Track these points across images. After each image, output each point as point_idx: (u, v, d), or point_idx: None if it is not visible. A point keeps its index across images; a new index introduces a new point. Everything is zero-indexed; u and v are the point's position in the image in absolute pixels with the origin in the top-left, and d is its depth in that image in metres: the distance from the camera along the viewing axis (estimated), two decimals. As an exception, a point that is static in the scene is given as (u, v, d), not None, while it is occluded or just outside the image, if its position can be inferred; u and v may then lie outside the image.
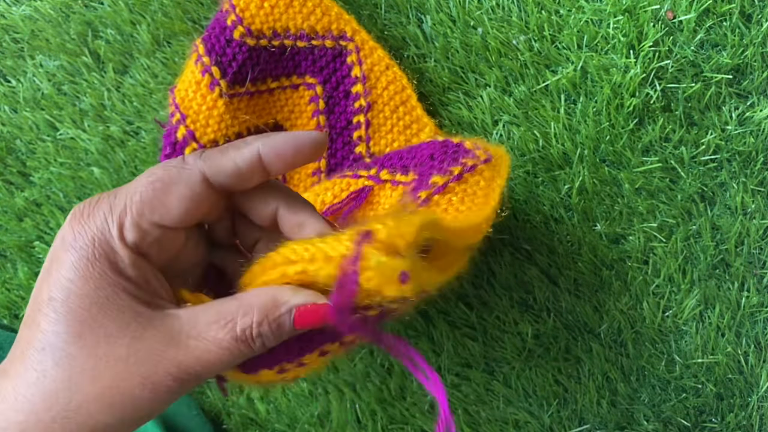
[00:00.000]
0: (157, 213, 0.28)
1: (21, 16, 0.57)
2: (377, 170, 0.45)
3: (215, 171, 0.29)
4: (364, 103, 0.52)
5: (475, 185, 0.41)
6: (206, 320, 0.28)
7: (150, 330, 0.27)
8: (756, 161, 0.52)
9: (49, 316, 0.26)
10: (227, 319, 0.27)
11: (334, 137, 0.53)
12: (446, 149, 0.43)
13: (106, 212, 0.28)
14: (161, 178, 0.28)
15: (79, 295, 0.26)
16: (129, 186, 0.29)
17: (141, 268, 0.28)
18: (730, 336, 0.53)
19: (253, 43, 0.49)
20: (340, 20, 0.51)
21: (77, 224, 0.28)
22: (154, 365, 0.26)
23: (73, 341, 0.26)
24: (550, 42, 0.53)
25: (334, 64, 0.52)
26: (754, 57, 0.51)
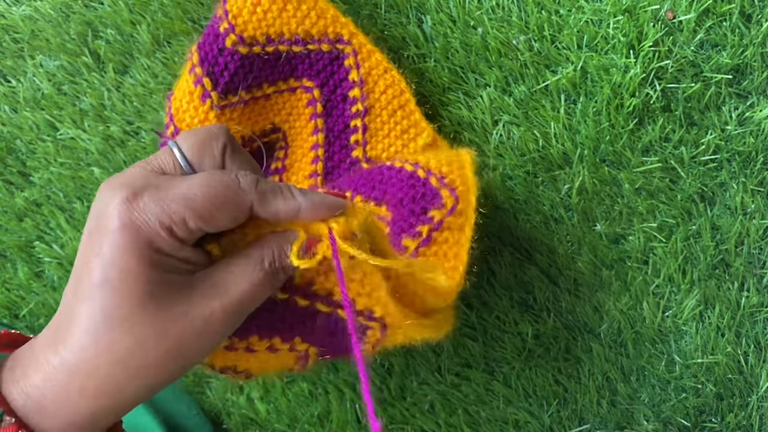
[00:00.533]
0: (207, 223, 0.31)
1: (21, 16, 0.57)
2: (351, 194, 0.46)
3: (260, 208, 0.33)
4: (361, 107, 0.51)
5: (443, 243, 0.44)
6: (238, 267, 0.33)
7: (197, 289, 0.32)
8: (756, 161, 0.52)
9: (107, 293, 0.30)
10: (255, 261, 0.33)
11: (331, 140, 0.53)
12: (414, 191, 0.45)
13: (159, 205, 0.30)
14: (219, 195, 0.31)
15: (133, 274, 0.30)
16: (184, 186, 0.31)
17: (187, 250, 0.32)
18: (730, 336, 0.53)
19: (245, 51, 0.48)
20: (336, 23, 0.50)
21: (129, 208, 0.30)
22: (206, 315, 0.31)
23: (137, 311, 0.30)
24: (550, 42, 0.53)
25: (331, 67, 0.51)
26: (753, 57, 0.51)
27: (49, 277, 0.57)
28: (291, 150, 0.54)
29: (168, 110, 0.50)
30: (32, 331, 0.57)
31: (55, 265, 0.57)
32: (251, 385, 0.56)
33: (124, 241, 0.30)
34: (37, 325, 0.57)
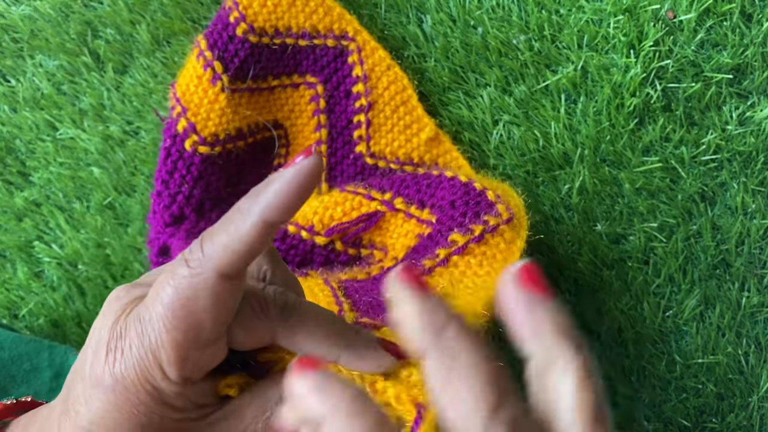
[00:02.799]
0: (189, 338, 0.26)
1: (21, 16, 0.57)
2: (392, 196, 0.46)
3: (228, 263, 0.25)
4: (364, 102, 0.52)
5: (495, 247, 0.41)
6: (253, 413, 0.27)
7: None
8: (756, 161, 0.52)
9: None
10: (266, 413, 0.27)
11: (334, 136, 0.53)
12: (468, 197, 0.43)
13: (139, 350, 0.26)
14: (177, 299, 0.25)
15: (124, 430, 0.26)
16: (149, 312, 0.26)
17: (186, 393, 0.27)
18: (730, 336, 0.53)
19: (255, 40, 0.49)
20: (342, 20, 0.51)
21: (112, 364, 0.26)
22: None
23: None
24: (550, 42, 0.53)
25: (335, 63, 0.52)
26: (754, 57, 0.51)
27: (49, 277, 0.57)
28: (293, 147, 0.54)
29: (172, 95, 0.50)
30: (31, 330, 0.57)
31: (55, 265, 0.57)
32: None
33: (111, 400, 0.26)
34: (37, 325, 0.57)
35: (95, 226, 0.56)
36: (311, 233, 0.47)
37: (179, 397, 0.26)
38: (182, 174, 0.50)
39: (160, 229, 0.51)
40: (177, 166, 0.50)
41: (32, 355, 0.49)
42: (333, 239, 0.47)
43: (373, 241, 0.48)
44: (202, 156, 0.50)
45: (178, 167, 0.50)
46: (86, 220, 0.57)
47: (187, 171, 0.50)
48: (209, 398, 0.28)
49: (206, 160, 0.50)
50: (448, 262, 0.41)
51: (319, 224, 0.47)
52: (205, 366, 0.27)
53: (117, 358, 0.26)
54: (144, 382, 0.26)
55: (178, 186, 0.50)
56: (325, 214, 0.47)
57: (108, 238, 0.56)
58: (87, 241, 0.56)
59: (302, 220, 0.47)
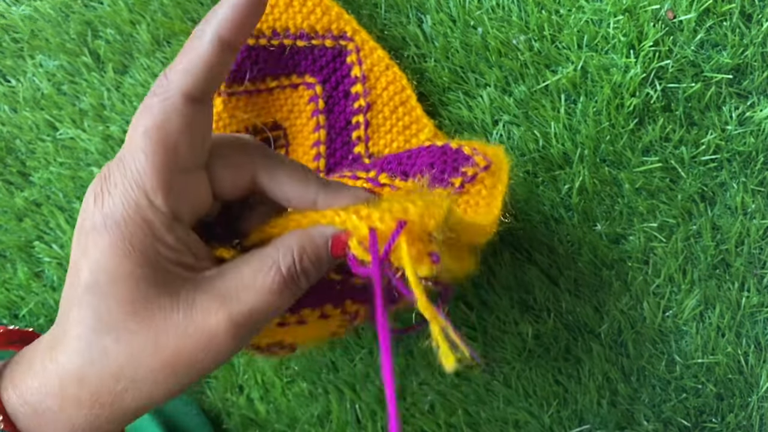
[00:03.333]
0: (168, 160, 0.27)
1: (21, 16, 0.57)
2: (376, 173, 0.46)
3: (191, 83, 0.27)
4: (363, 103, 0.52)
5: (477, 195, 0.42)
6: (250, 270, 0.28)
7: (200, 294, 0.28)
8: (756, 161, 0.52)
9: (96, 296, 0.27)
10: (270, 264, 0.28)
11: (333, 137, 0.53)
12: (445, 157, 0.44)
13: (124, 184, 0.27)
14: (152, 124, 0.27)
15: (123, 276, 0.27)
16: (128, 149, 0.27)
17: (177, 230, 0.28)
18: (730, 336, 0.53)
19: (252, 42, 0.49)
20: (341, 20, 0.51)
21: (101, 204, 0.27)
22: (212, 327, 0.27)
23: (129, 318, 0.27)
24: (550, 42, 0.53)
25: (333, 63, 0.52)
26: (754, 57, 0.51)
27: (49, 277, 0.57)
28: (292, 148, 0.54)
29: None
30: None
31: (55, 265, 0.57)
32: (251, 385, 0.56)
33: (105, 239, 0.27)
34: (37, 325, 0.57)
35: (95, 226, 0.56)
36: None
37: (170, 231, 0.27)
38: None
39: None
40: None
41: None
42: None
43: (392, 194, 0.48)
44: None
45: None
46: (86, 220, 0.57)
47: None
48: (204, 254, 0.29)
49: None
50: None
51: None
52: (190, 202, 0.28)
53: (105, 198, 0.27)
54: (133, 215, 0.27)
55: None
56: None
57: (108, 238, 0.56)
58: (87, 241, 0.57)
59: None
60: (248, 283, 0.28)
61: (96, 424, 0.28)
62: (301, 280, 0.29)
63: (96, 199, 0.27)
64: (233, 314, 0.27)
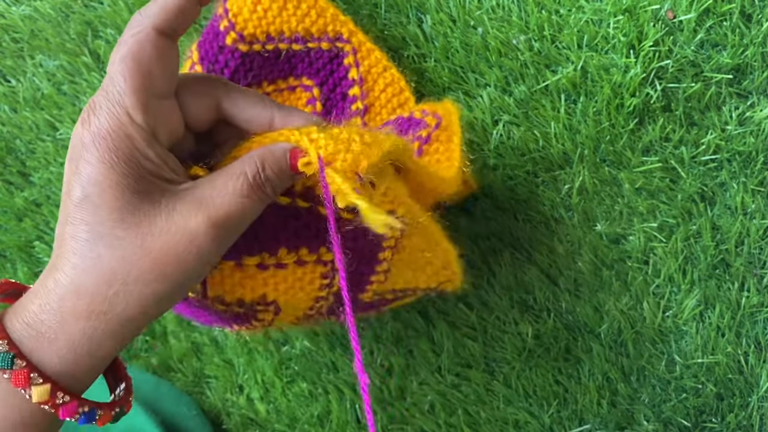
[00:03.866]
0: (143, 83, 0.31)
1: (21, 16, 0.57)
2: None
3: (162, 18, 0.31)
4: (361, 105, 0.51)
5: (435, 153, 0.45)
6: (222, 180, 0.32)
7: (180, 202, 0.31)
8: (756, 161, 0.52)
9: (88, 209, 0.30)
10: (238, 173, 0.32)
11: None
12: (401, 126, 0.46)
13: (107, 106, 0.31)
14: (127, 53, 0.31)
15: (110, 185, 0.30)
16: (109, 77, 0.31)
17: (156, 146, 0.31)
18: (730, 336, 0.53)
19: (245, 49, 0.49)
20: (336, 22, 0.50)
21: (88, 125, 0.30)
22: (192, 228, 0.31)
23: (118, 225, 0.30)
24: (550, 42, 0.53)
25: (330, 66, 0.51)
26: (754, 57, 0.51)
27: (49, 277, 0.57)
28: None
29: None
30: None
31: (55, 265, 0.57)
32: (251, 385, 0.56)
33: (94, 154, 0.30)
34: (37, 325, 0.57)
35: (95, 226, 0.56)
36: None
37: (150, 147, 0.31)
38: None
39: None
40: None
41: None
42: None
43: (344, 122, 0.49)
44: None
45: None
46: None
47: None
48: (181, 171, 0.33)
49: None
50: None
51: None
52: (166, 125, 0.32)
53: (91, 119, 0.31)
54: (117, 130, 0.30)
55: None
56: None
57: (108, 238, 0.56)
58: (87, 241, 0.57)
59: None
60: (221, 190, 0.32)
61: (94, 337, 0.30)
62: (267, 186, 0.33)
63: (83, 123, 0.31)
64: (211, 216, 0.31)
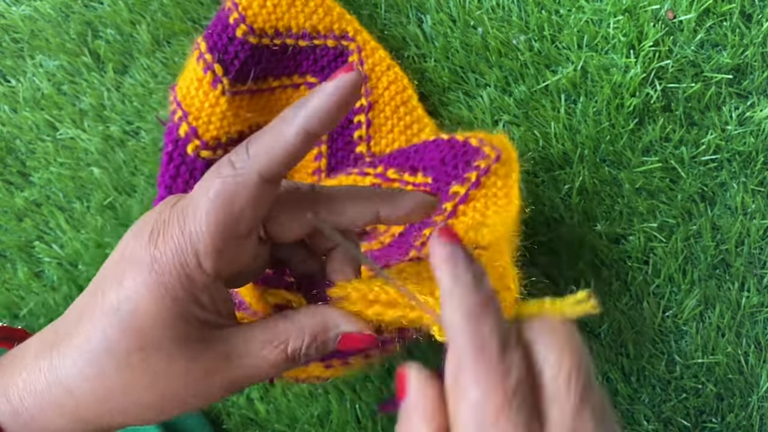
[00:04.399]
0: (227, 230, 0.28)
1: (21, 16, 0.57)
2: (383, 168, 0.46)
3: (269, 165, 0.28)
4: (365, 102, 0.52)
5: (493, 187, 0.43)
6: (261, 340, 0.30)
7: (208, 351, 0.29)
8: (756, 161, 0.52)
9: (113, 323, 0.28)
10: (280, 340, 0.30)
11: (334, 137, 0.53)
12: (455, 151, 0.44)
13: (179, 239, 0.28)
14: (221, 193, 0.28)
15: (147, 312, 0.27)
16: (193, 205, 0.28)
17: (212, 290, 0.29)
18: (730, 336, 0.53)
19: (255, 41, 0.49)
20: (342, 20, 0.51)
21: (152, 246, 0.28)
22: (207, 381, 0.29)
23: (135, 353, 0.28)
24: (550, 42, 0.53)
25: (335, 63, 0.52)
26: (754, 57, 0.51)
27: (49, 277, 0.57)
28: None
29: (173, 98, 0.50)
30: (32, 330, 0.57)
31: (55, 265, 0.57)
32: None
33: (145, 278, 0.28)
34: (37, 325, 0.57)
35: (95, 226, 0.56)
36: None
37: (206, 291, 0.29)
38: (185, 179, 0.49)
39: None
40: (180, 171, 0.49)
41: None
42: None
43: None
44: (204, 160, 0.49)
45: (180, 172, 0.49)
46: (86, 220, 0.57)
47: (190, 176, 0.49)
48: (226, 311, 0.30)
49: (209, 164, 0.49)
50: (457, 212, 0.42)
51: None
52: (235, 263, 0.29)
53: (158, 241, 0.28)
54: (179, 268, 0.28)
55: (182, 191, 0.49)
56: None
57: (108, 238, 0.56)
58: (87, 241, 0.57)
59: None
60: (253, 352, 0.29)
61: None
62: (301, 360, 0.31)
63: (150, 239, 0.28)
64: (230, 376, 0.29)
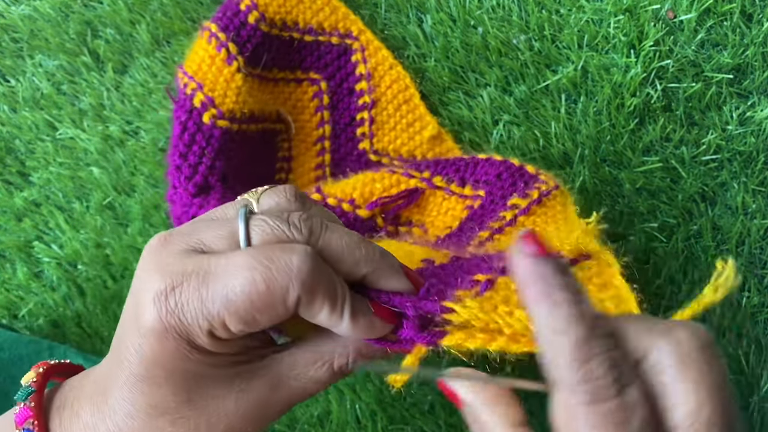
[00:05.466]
0: (250, 327, 0.27)
1: (20, 16, 0.57)
2: (430, 174, 0.46)
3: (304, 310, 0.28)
4: (368, 99, 0.52)
5: (553, 209, 0.43)
6: (305, 361, 0.30)
7: (254, 380, 0.29)
8: (757, 161, 0.52)
9: (152, 387, 0.28)
10: (325, 359, 0.30)
11: (338, 133, 0.53)
12: (512, 170, 0.45)
13: (197, 311, 0.27)
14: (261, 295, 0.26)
15: (181, 372, 0.28)
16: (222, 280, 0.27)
17: (234, 343, 0.29)
18: (730, 336, 0.53)
19: (266, 29, 0.49)
20: (347, 19, 0.52)
21: (166, 314, 0.27)
22: (261, 408, 0.29)
23: (184, 406, 0.28)
24: (550, 41, 0.53)
25: (338, 61, 0.52)
26: (754, 57, 0.51)
27: (48, 278, 0.57)
28: (295, 144, 0.54)
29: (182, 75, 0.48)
30: (31, 331, 0.57)
31: (55, 266, 0.57)
32: (251, 385, 0.56)
33: (163, 344, 0.27)
34: (36, 325, 0.57)
35: (95, 226, 0.56)
36: (353, 206, 0.46)
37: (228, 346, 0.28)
38: (202, 146, 0.47)
39: (187, 201, 0.48)
40: (196, 139, 0.47)
41: (32, 356, 0.49)
42: (374, 213, 0.47)
43: (410, 219, 0.48)
44: (221, 129, 0.47)
45: (197, 140, 0.47)
46: (86, 220, 0.57)
47: (207, 143, 0.47)
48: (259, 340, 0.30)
49: (225, 134, 0.48)
50: (516, 222, 0.43)
51: (360, 198, 0.46)
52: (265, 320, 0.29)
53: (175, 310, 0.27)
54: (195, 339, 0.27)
55: (199, 157, 0.47)
56: (365, 189, 0.46)
57: (108, 238, 0.56)
58: (87, 241, 0.56)
59: (341, 193, 0.46)
60: (300, 375, 0.30)
61: None
62: (347, 373, 0.31)
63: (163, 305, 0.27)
64: (282, 399, 0.30)
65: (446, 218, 0.47)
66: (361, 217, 0.46)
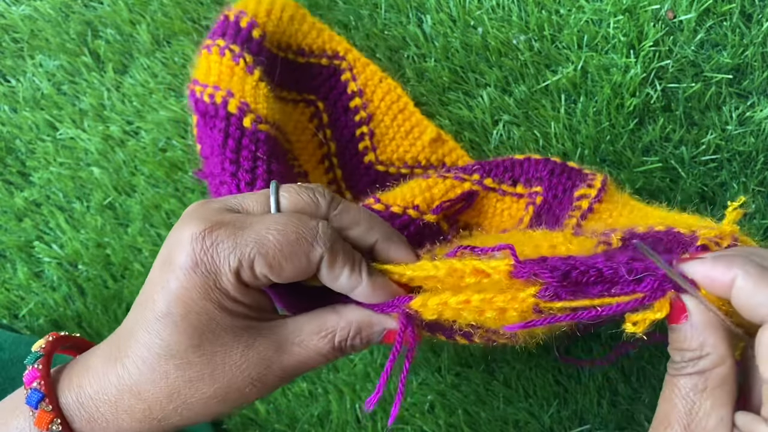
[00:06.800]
0: (272, 272, 0.31)
1: (21, 16, 0.57)
2: (480, 177, 0.47)
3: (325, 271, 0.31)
4: (364, 114, 0.53)
5: (615, 194, 0.46)
6: (309, 330, 0.33)
7: (260, 339, 0.32)
8: (756, 161, 0.52)
9: (167, 326, 0.30)
10: (328, 331, 0.33)
11: (342, 150, 0.54)
12: (561, 166, 0.46)
13: (229, 250, 0.30)
14: (291, 244, 0.30)
15: (198, 312, 0.30)
16: (256, 229, 0.30)
17: (251, 294, 0.32)
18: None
19: (268, 46, 0.49)
20: (333, 41, 0.53)
21: (200, 251, 0.30)
22: (263, 368, 0.32)
23: (193, 351, 0.31)
24: (550, 42, 0.53)
25: (329, 82, 0.53)
26: (754, 57, 0.51)
27: (49, 277, 0.57)
28: (299, 163, 0.54)
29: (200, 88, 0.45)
30: (31, 331, 0.57)
31: (55, 265, 0.57)
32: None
33: (190, 278, 0.30)
34: (37, 325, 0.57)
35: (95, 226, 0.56)
36: (418, 212, 0.46)
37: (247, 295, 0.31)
38: (251, 150, 0.44)
39: None
40: (243, 143, 0.44)
41: (32, 356, 0.49)
42: (439, 218, 0.47)
43: (469, 222, 0.49)
44: (266, 133, 0.45)
45: (244, 144, 0.44)
46: (86, 220, 0.57)
47: (256, 147, 0.45)
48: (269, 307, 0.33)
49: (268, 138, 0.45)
50: (593, 210, 0.44)
51: (423, 204, 0.46)
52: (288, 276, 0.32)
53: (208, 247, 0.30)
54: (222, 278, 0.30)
55: (252, 161, 0.44)
56: (425, 195, 0.46)
57: (108, 238, 0.56)
58: (87, 241, 0.57)
59: (402, 201, 0.46)
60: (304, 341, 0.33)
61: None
62: (347, 351, 0.34)
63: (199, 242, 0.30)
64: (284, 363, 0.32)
65: (503, 218, 0.48)
66: (429, 223, 0.46)
